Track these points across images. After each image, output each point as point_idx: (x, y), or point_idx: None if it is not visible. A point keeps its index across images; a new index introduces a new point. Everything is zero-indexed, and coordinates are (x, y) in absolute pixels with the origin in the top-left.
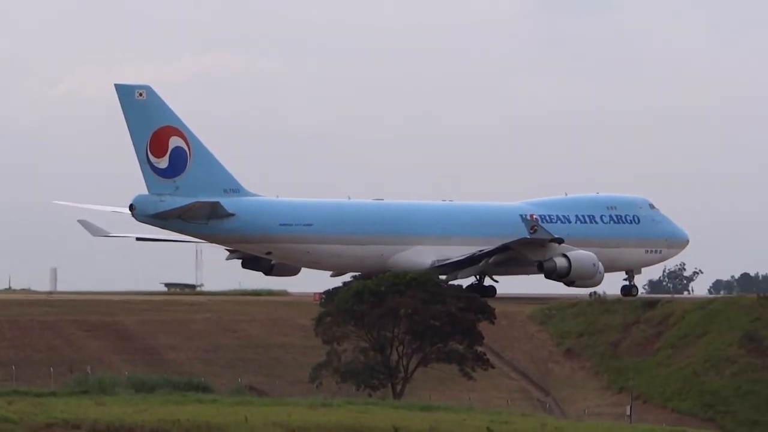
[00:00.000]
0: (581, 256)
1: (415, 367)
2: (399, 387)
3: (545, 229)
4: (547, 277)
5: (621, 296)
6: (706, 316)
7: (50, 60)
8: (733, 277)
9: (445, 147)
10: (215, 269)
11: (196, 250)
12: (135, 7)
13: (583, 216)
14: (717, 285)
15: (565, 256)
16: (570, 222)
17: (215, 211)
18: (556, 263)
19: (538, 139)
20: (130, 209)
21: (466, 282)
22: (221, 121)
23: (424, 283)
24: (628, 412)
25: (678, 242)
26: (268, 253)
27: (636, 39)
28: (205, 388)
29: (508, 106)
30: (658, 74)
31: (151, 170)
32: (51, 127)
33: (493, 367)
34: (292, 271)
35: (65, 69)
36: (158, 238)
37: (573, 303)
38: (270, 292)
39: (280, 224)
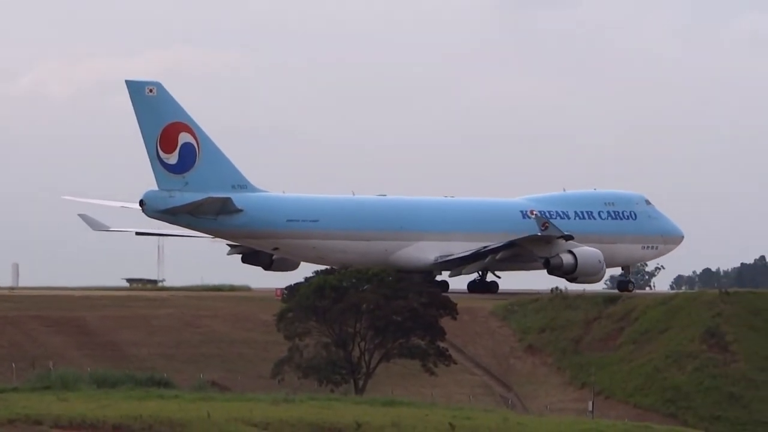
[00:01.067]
0: (587, 252)
1: (378, 363)
2: (361, 382)
3: (556, 226)
4: (551, 273)
5: (618, 291)
6: (667, 311)
7: (10, 55)
8: (694, 272)
9: (425, 145)
10: (177, 264)
11: (158, 246)
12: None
13: (582, 212)
14: (678, 280)
15: (571, 252)
16: (569, 218)
17: (225, 207)
18: (562, 260)
19: (517, 137)
20: (140, 205)
21: (469, 278)
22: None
23: (386, 279)
24: (590, 408)
25: (673, 238)
26: (275, 249)
27: (609, 35)
28: (167, 384)
29: (477, 105)
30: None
31: (160, 166)
32: (11, 124)
33: (455, 362)
34: (292, 266)
35: (25, 65)
36: (158, 232)
37: (534, 299)
38: (232, 288)
39: (287, 220)
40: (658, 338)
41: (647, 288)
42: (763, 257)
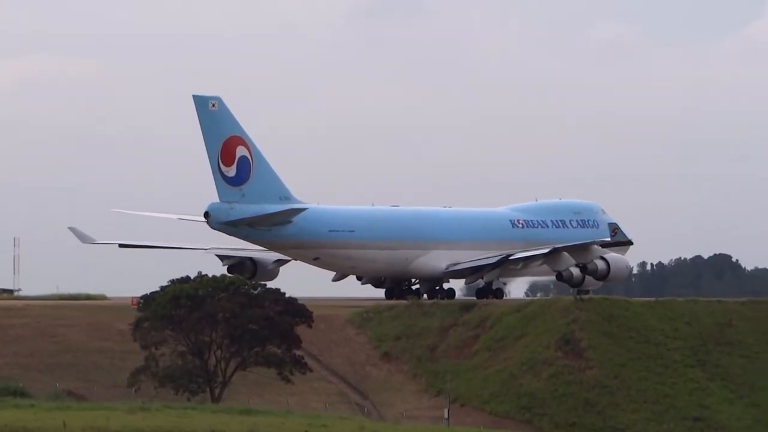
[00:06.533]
0: (617, 259)
1: (234, 371)
2: (217, 391)
3: (624, 233)
4: (560, 279)
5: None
6: (522, 318)
7: None
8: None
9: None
10: (33, 273)
11: (14, 255)
12: None
13: (557, 221)
14: (534, 287)
15: (603, 258)
16: (547, 227)
17: (281, 219)
18: (597, 266)
19: (365, 147)
20: (205, 217)
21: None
22: (35, 125)
23: (242, 287)
24: (446, 415)
25: (626, 245)
26: (316, 259)
27: (453, 42)
28: (22, 393)
29: (330, 113)
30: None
31: (221, 178)
32: None
33: (311, 370)
34: (272, 275)
35: None
36: (141, 244)
37: (390, 306)
38: (88, 297)
39: (330, 231)
40: (514, 345)
41: None
42: None
